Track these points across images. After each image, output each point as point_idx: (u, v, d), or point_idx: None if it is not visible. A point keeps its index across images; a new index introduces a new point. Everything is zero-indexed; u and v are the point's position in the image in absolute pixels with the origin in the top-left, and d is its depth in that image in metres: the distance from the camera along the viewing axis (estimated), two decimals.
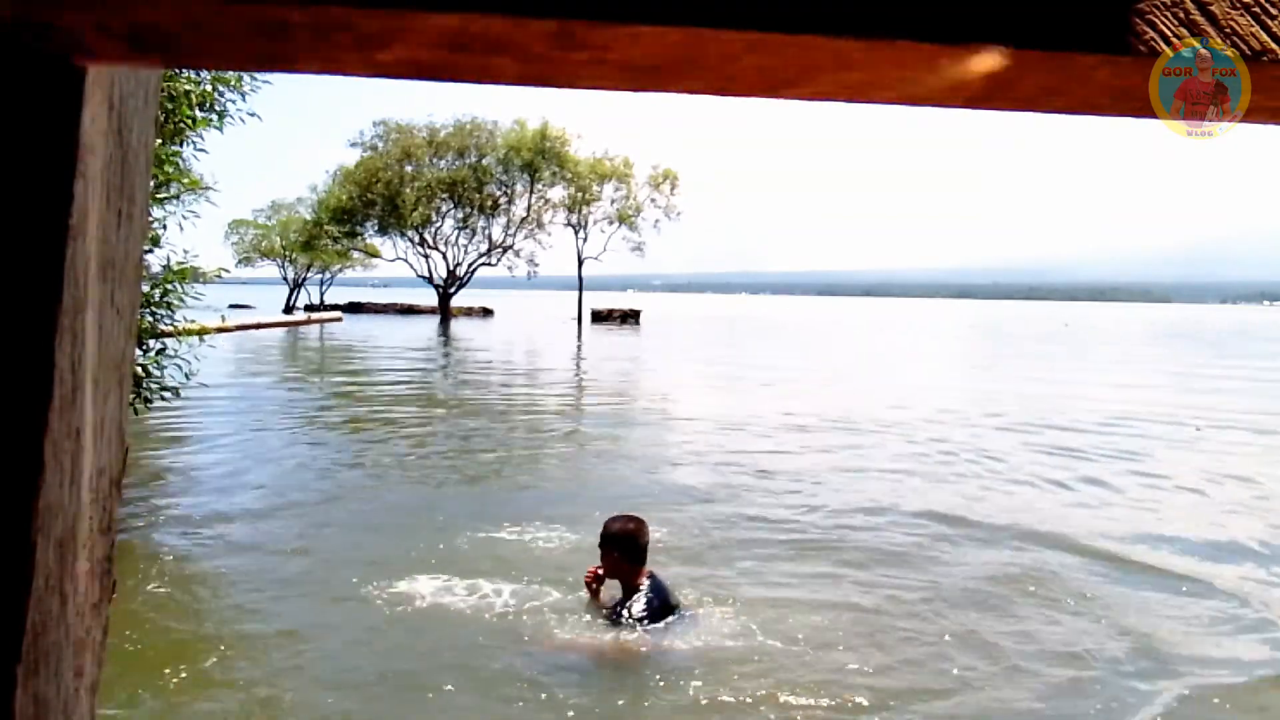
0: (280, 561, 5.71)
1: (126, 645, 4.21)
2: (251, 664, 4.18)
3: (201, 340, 7.34)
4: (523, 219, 49.39)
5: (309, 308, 53.69)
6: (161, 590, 5.12)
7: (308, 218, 51.99)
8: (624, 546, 4.57)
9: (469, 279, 51.93)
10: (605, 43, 0.52)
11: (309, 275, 58.43)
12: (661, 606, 4.53)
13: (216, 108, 6.98)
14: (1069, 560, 5.99)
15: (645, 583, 4.57)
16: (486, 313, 57.85)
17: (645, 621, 4.46)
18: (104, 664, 0.67)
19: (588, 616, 4.73)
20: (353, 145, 49.77)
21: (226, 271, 8.51)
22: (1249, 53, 0.53)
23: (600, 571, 4.75)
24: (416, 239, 49.82)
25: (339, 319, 45.33)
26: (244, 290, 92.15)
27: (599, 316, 50.44)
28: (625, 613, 4.50)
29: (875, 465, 9.29)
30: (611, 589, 4.77)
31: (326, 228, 49.39)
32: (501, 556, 5.79)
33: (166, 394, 7.18)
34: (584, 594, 4.88)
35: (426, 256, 50.52)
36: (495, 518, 6.68)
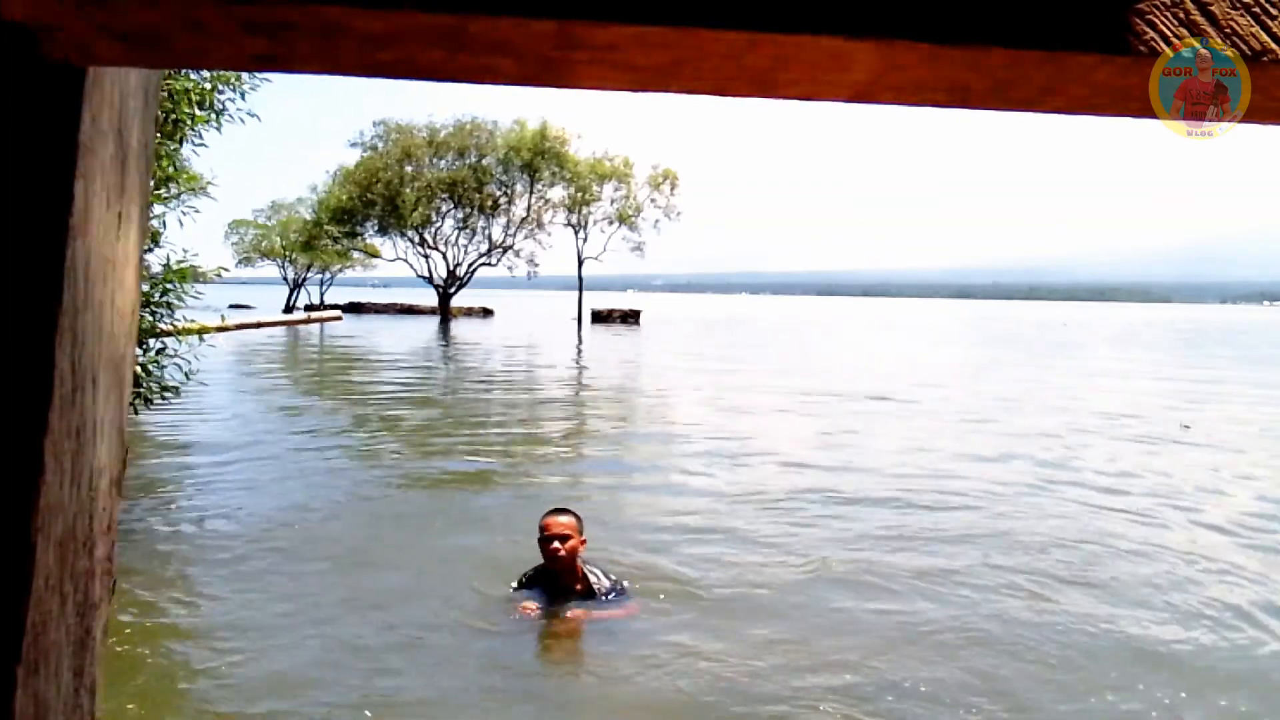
0: (280, 558, 5.71)
1: (125, 645, 4.22)
2: (250, 659, 4.18)
3: (201, 340, 7.33)
4: (523, 219, 49.33)
5: (309, 307, 53.61)
6: (161, 589, 5.11)
7: (308, 218, 51.95)
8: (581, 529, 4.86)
9: (469, 279, 51.87)
10: (605, 43, 0.52)
11: (309, 275, 58.41)
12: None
13: (215, 107, 6.97)
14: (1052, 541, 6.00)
15: (581, 560, 4.82)
16: (486, 313, 57.77)
17: (621, 584, 4.87)
18: (104, 664, 0.67)
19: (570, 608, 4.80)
20: (353, 145, 49.77)
21: (226, 271, 8.50)
22: (1249, 53, 0.53)
23: (535, 609, 4.71)
24: (416, 239, 49.78)
25: (339, 318, 45.31)
26: (244, 290, 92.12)
27: (599, 317, 50.37)
28: (609, 585, 4.79)
29: (874, 458, 9.29)
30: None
31: (326, 228, 49.34)
32: (498, 553, 5.80)
33: (167, 394, 7.17)
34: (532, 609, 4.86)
35: (426, 256, 50.53)
36: (494, 514, 6.69)
